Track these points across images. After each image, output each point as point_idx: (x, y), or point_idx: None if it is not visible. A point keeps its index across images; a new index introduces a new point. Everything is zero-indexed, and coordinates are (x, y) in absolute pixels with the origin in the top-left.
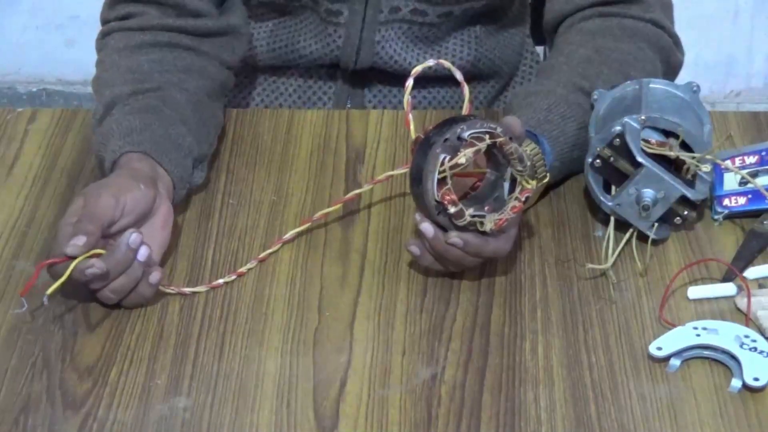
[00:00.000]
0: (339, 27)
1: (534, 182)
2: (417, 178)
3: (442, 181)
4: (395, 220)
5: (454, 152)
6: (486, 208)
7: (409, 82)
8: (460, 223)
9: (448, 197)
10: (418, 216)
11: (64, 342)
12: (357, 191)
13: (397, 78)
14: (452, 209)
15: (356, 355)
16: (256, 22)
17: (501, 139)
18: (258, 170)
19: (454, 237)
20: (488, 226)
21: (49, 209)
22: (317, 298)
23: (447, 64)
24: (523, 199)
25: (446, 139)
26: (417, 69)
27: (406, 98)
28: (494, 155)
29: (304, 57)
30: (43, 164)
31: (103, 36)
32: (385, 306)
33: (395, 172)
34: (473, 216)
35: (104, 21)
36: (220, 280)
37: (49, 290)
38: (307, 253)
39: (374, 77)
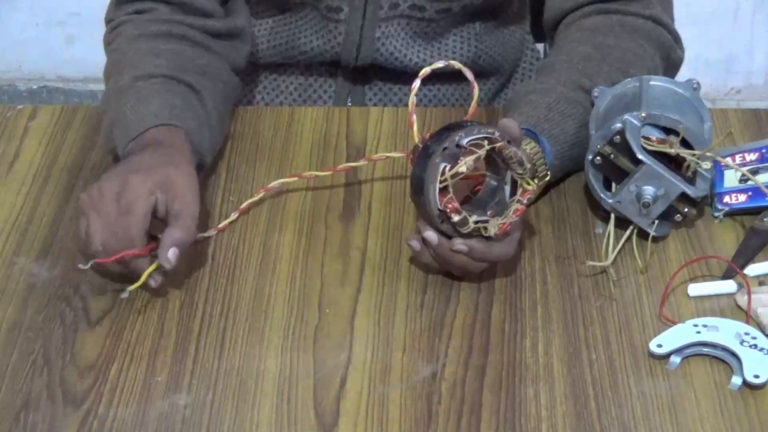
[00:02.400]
0: (339, 23)
1: (534, 183)
2: (418, 188)
3: (443, 190)
4: (395, 217)
5: (454, 160)
6: (489, 213)
7: (416, 84)
8: (465, 230)
9: (450, 206)
10: (420, 224)
11: (64, 339)
12: (350, 164)
13: (397, 75)
14: (456, 218)
15: (356, 352)
16: (257, 20)
17: (500, 144)
18: (258, 167)
19: (459, 244)
20: (492, 231)
21: (49, 206)
22: (317, 295)
23: (457, 65)
24: (524, 201)
25: (445, 148)
26: (425, 70)
27: (411, 99)
28: (493, 159)
29: (304, 54)
30: (43, 161)
31: (113, 29)
32: (386, 303)
33: (393, 155)
34: (477, 222)
35: (110, 20)
36: (203, 234)
37: (132, 287)
38: (307, 250)
39: (374, 75)
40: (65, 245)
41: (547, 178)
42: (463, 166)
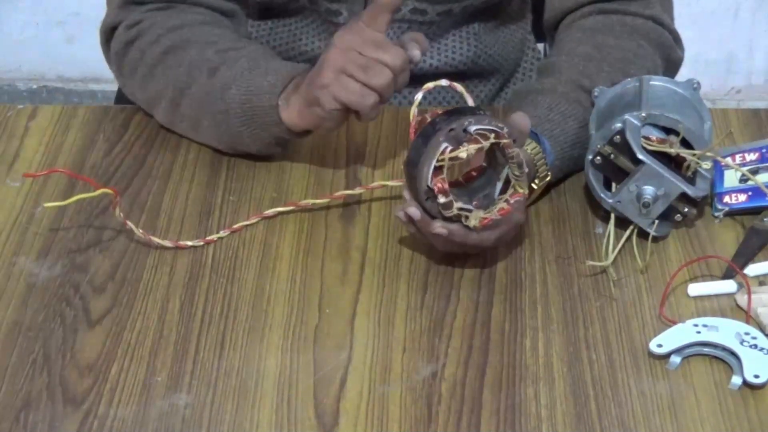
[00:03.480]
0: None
1: (527, 189)
2: (414, 160)
3: (437, 170)
4: (396, 217)
5: (457, 144)
6: (474, 203)
7: (418, 96)
8: (447, 213)
9: (440, 186)
10: (406, 194)
11: (64, 339)
12: (347, 191)
13: None
14: (442, 199)
15: (356, 352)
16: (256, 21)
17: (505, 141)
18: (258, 167)
19: (439, 227)
20: (473, 222)
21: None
22: (317, 295)
23: (459, 87)
24: (512, 202)
25: (452, 129)
26: (428, 86)
27: (413, 111)
28: (495, 154)
29: (304, 54)
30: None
31: (130, 27)
32: (386, 303)
33: (390, 183)
34: (460, 210)
35: (119, 22)
36: (188, 243)
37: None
38: (307, 250)
39: None
40: (65, 245)
41: (548, 179)
42: (464, 152)
